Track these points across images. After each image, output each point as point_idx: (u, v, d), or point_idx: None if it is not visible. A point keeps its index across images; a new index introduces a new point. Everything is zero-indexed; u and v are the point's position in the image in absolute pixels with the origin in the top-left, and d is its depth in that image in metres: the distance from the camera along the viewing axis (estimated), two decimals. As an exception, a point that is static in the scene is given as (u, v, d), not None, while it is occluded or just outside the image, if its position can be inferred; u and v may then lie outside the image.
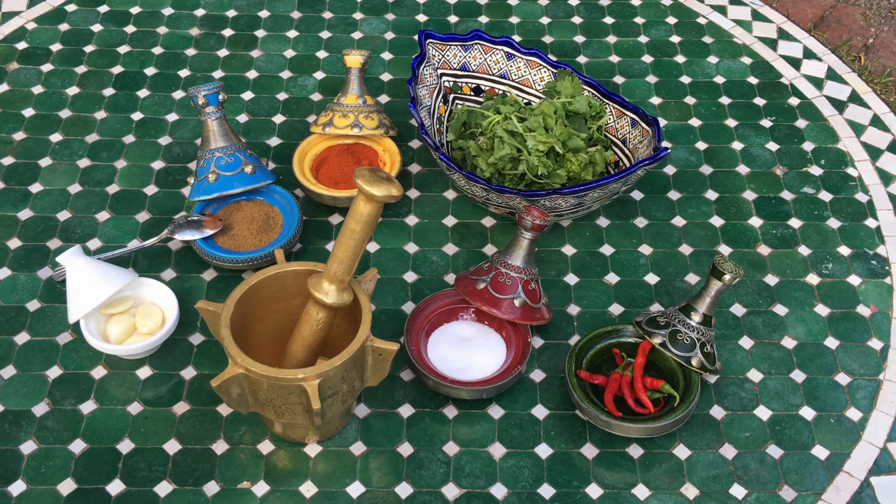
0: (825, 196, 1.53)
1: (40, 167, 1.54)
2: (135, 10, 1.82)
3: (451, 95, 1.55)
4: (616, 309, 1.38)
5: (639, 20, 1.83)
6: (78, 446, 1.22)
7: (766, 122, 1.64)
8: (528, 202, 1.34)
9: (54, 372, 1.29)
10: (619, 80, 1.71)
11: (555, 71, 1.54)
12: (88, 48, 1.75)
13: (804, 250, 1.46)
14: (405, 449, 1.23)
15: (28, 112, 1.63)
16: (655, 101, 1.67)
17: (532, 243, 1.30)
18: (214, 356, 1.32)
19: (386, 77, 1.71)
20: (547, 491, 1.19)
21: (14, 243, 1.44)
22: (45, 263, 1.41)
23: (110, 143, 1.59)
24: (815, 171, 1.57)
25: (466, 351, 1.30)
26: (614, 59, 1.75)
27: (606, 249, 1.45)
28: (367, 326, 1.12)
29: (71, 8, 1.82)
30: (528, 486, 1.20)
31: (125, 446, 1.22)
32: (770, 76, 1.73)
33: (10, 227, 1.46)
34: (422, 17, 1.82)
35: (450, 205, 1.51)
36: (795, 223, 1.49)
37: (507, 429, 1.25)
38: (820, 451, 1.24)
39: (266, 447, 1.23)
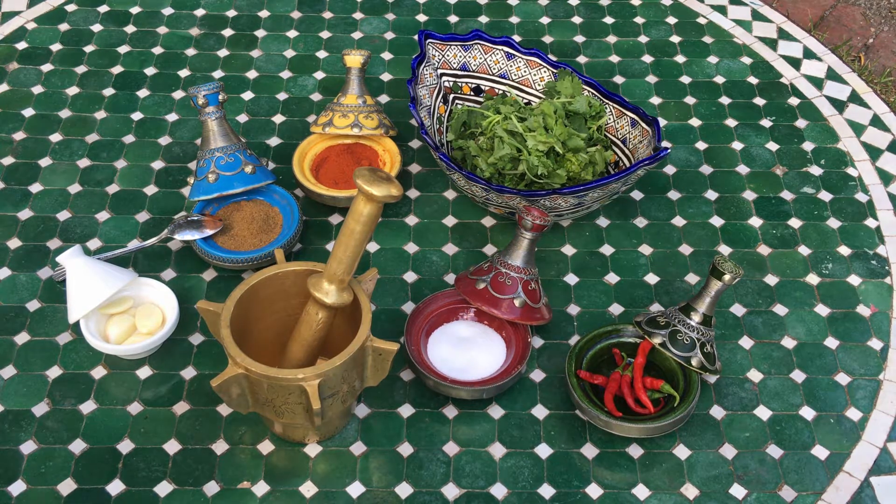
0: (825, 196, 1.53)
1: (40, 167, 1.54)
2: (135, 10, 1.82)
3: (451, 95, 1.55)
4: (616, 309, 1.38)
5: (639, 20, 1.83)
6: (78, 446, 1.22)
7: (766, 122, 1.64)
8: (528, 202, 1.34)
9: (54, 372, 1.29)
10: (619, 80, 1.71)
11: (555, 71, 1.54)
12: (88, 48, 1.75)
13: (804, 250, 1.46)
14: (405, 449, 1.23)
15: (28, 112, 1.63)
16: (655, 101, 1.67)
17: (532, 243, 1.30)
18: (214, 356, 1.32)
19: (386, 77, 1.71)
20: (547, 491, 1.19)
21: (14, 243, 1.44)
22: (45, 263, 1.41)
23: (110, 143, 1.59)
24: (815, 171, 1.57)
25: (466, 351, 1.30)
26: (614, 59, 1.75)
27: (606, 249, 1.45)
28: (367, 326, 1.11)
29: (71, 8, 1.82)
30: (528, 486, 1.20)
31: (125, 446, 1.22)
32: (770, 76, 1.73)
33: (10, 227, 1.46)
34: (422, 17, 1.82)
35: (450, 205, 1.51)
36: (795, 223, 1.49)
37: (507, 429, 1.25)
38: (820, 451, 1.24)
39: (266, 447, 1.23)
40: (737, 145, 1.61)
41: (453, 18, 1.82)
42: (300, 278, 1.19)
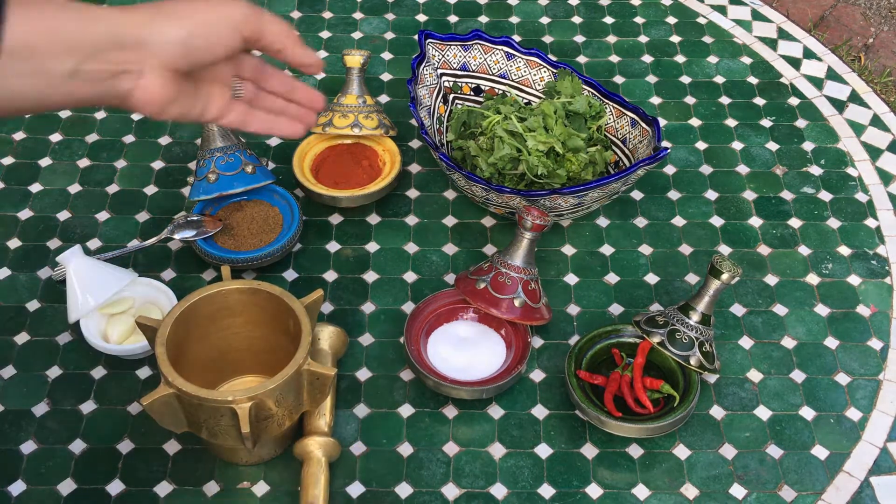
0: (825, 196, 1.53)
1: (40, 167, 1.54)
2: (135, 10, 1.82)
3: (451, 95, 1.55)
4: (616, 309, 1.38)
5: (639, 20, 1.83)
6: (78, 446, 1.22)
7: (766, 122, 1.64)
8: (528, 202, 1.34)
9: (54, 372, 1.29)
10: (619, 79, 1.71)
11: (555, 71, 1.54)
12: (88, 48, 1.74)
13: (804, 250, 1.46)
14: (405, 449, 1.23)
15: (28, 112, 1.63)
16: (655, 100, 1.67)
17: (532, 243, 1.30)
18: (214, 356, 1.32)
19: (386, 77, 1.71)
20: (547, 491, 1.19)
21: (14, 243, 1.44)
22: (45, 263, 1.41)
23: (110, 143, 1.59)
24: (815, 170, 1.57)
25: (466, 351, 1.30)
26: (614, 58, 1.75)
27: (606, 249, 1.45)
28: (304, 350, 1.08)
29: (71, 8, 1.82)
30: (528, 486, 1.20)
31: (125, 446, 1.22)
32: (770, 76, 1.73)
33: (10, 227, 1.46)
34: (422, 17, 1.82)
35: (450, 205, 1.51)
36: (795, 223, 1.49)
37: (507, 429, 1.25)
38: (820, 451, 1.24)
39: (266, 447, 1.23)
40: (737, 145, 1.61)
41: (453, 18, 1.82)
42: (244, 296, 1.16)
